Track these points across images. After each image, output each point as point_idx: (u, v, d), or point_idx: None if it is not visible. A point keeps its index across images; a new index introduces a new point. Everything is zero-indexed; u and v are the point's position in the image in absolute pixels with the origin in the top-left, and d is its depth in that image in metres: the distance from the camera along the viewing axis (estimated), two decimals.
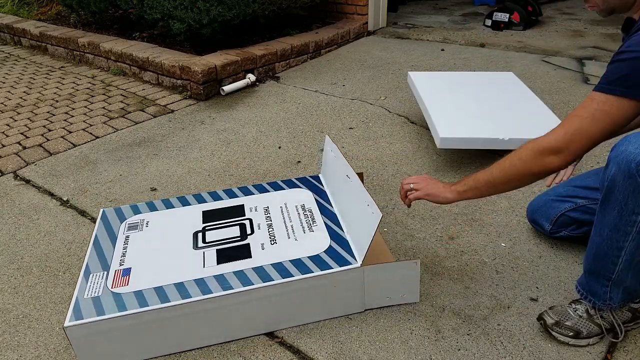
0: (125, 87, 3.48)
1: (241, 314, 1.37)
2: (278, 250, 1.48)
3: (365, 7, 4.23)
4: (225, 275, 1.39)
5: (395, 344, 1.36)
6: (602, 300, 1.27)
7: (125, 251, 1.54)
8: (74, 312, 1.30)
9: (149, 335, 1.33)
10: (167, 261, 1.48)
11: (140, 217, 1.70)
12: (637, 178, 1.06)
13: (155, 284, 1.38)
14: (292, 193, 1.77)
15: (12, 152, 2.58)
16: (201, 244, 1.54)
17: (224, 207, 1.72)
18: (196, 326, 1.35)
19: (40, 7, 5.39)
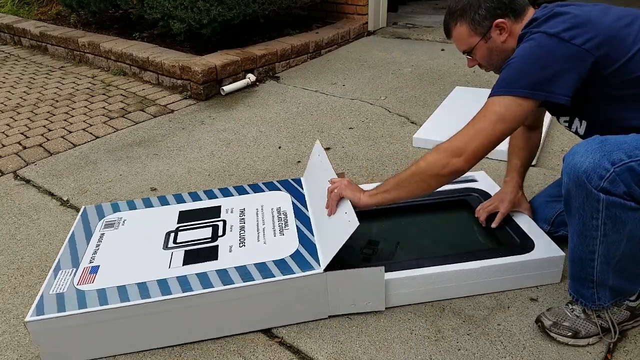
0: (125, 87, 3.48)
1: (200, 316, 1.36)
2: (245, 253, 1.46)
3: (365, 7, 4.23)
4: (188, 276, 1.38)
5: (395, 344, 1.36)
6: (591, 301, 1.28)
7: (98, 249, 1.55)
8: (36, 308, 1.31)
9: (107, 333, 1.33)
10: (135, 260, 1.48)
11: (118, 215, 1.71)
12: (586, 185, 1.11)
13: (119, 282, 1.38)
14: (271, 195, 1.76)
15: (12, 152, 2.58)
16: (172, 244, 1.54)
17: (201, 207, 1.72)
18: (155, 326, 1.35)
19: (40, 7, 5.39)
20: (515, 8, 1.35)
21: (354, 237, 1.68)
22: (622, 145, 1.10)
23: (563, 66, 1.19)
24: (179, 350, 1.38)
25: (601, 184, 1.10)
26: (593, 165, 1.10)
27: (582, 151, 1.13)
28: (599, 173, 1.09)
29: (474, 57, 1.44)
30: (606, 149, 1.10)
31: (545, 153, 2.25)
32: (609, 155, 1.09)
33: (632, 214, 1.13)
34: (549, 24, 1.23)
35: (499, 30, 1.36)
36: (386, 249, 1.62)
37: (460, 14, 1.39)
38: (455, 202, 1.80)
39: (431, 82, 3.20)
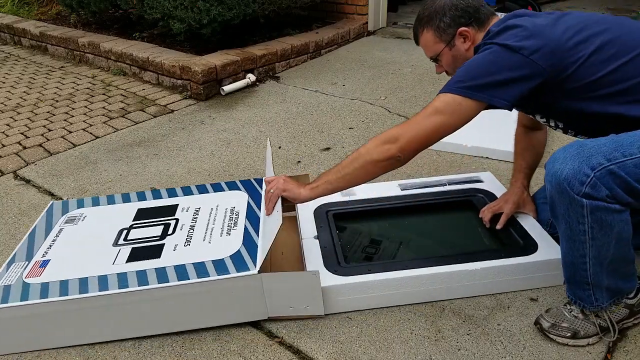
0: (125, 87, 3.48)
1: (137, 313, 1.38)
2: (188, 253, 1.48)
3: (365, 7, 4.23)
4: (127, 273, 1.41)
5: (395, 344, 1.36)
6: (589, 303, 1.29)
7: (53, 243, 1.58)
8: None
9: (48, 326, 1.36)
10: (84, 256, 1.52)
11: (81, 211, 1.74)
12: (568, 192, 1.13)
13: (63, 277, 1.41)
14: (229, 195, 1.76)
15: (12, 152, 2.58)
16: (122, 241, 1.57)
17: (159, 206, 1.75)
18: (93, 321, 1.38)
19: (40, 7, 5.39)
20: (479, 17, 1.40)
21: (357, 236, 1.70)
22: (600, 149, 1.12)
23: (509, 74, 1.23)
24: (179, 350, 1.38)
25: (583, 189, 1.11)
26: (573, 171, 1.12)
27: (562, 158, 1.14)
28: (580, 179, 1.11)
29: (440, 64, 1.48)
30: (585, 154, 1.12)
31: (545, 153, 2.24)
32: (588, 160, 1.11)
33: (617, 216, 1.14)
34: (501, 37, 1.28)
35: (463, 38, 1.41)
36: (389, 248, 1.62)
37: (427, 20, 1.43)
38: (460, 202, 1.80)
39: (431, 82, 3.20)
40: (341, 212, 1.77)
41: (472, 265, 1.46)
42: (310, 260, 1.53)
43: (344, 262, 1.52)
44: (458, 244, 1.62)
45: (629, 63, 1.22)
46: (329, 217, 1.73)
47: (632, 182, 1.10)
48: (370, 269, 1.47)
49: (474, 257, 1.49)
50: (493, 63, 1.25)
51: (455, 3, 1.40)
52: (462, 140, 2.31)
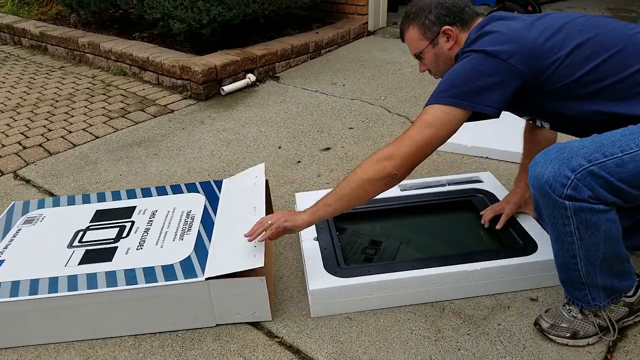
0: (125, 87, 3.48)
1: (87, 315, 1.39)
2: (139, 256, 1.48)
3: (365, 7, 4.23)
4: (78, 276, 1.41)
5: (395, 344, 1.36)
6: (586, 302, 1.29)
7: (10, 244, 1.59)
8: None
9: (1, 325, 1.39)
10: (38, 257, 1.52)
11: (40, 211, 1.75)
12: (550, 195, 1.14)
13: (15, 278, 1.42)
14: (187, 197, 1.77)
15: (12, 152, 2.58)
16: (76, 243, 1.57)
17: (118, 207, 1.75)
18: (44, 322, 1.39)
19: (40, 7, 5.39)
20: (463, 17, 1.41)
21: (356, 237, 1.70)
22: (580, 151, 1.13)
23: (489, 80, 1.25)
24: (179, 350, 1.38)
25: (565, 191, 1.12)
26: (554, 174, 1.13)
27: (542, 161, 1.15)
28: (561, 181, 1.12)
29: (424, 62, 1.49)
30: (565, 157, 1.13)
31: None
32: (569, 162, 1.12)
33: (602, 215, 1.14)
34: (478, 43, 1.29)
35: (446, 37, 1.42)
36: (389, 249, 1.62)
37: (413, 17, 1.45)
38: (460, 202, 1.80)
39: (431, 82, 3.20)
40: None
41: (472, 266, 1.46)
42: (310, 262, 1.53)
43: (343, 264, 1.52)
44: (458, 245, 1.62)
45: (605, 63, 1.23)
46: (329, 219, 1.73)
47: (615, 182, 1.11)
48: (370, 271, 1.47)
49: (474, 258, 1.49)
50: (473, 70, 1.26)
51: (441, 2, 1.41)
52: (462, 141, 2.31)
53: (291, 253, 1.74)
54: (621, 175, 1.11)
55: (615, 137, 1.15)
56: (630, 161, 1.10)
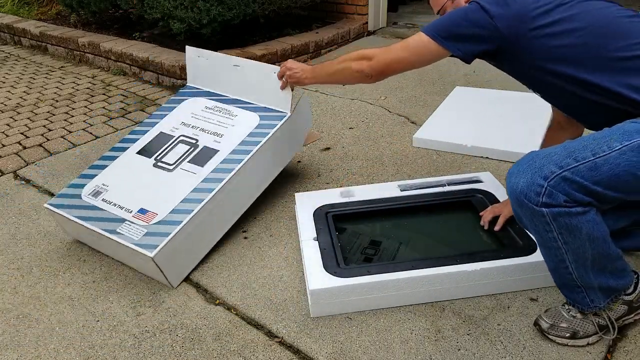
0: (125, 87, 3.48)
1: (245, 184, 1.76)
2: (229, 138, 1.81)
3: (365, 7, 4.23)
4: (217, 169, 1.71)
5: (395, 344, 1.36)
6: (585, 305, 1.29)
7: (118, 205, 1.68)
8: (144, 248, 1.52)
9: (207, 227, 1.66)
10: (164, 189, 1.69)
11: (93, 185, 1.78)
12: (526, 203, 1.16)
13: (178, 200, 1.64)
14: (185, 106, 2.00)
15: (12, 152, 2.58)
16: (171, 167, 1.77)
17: (150, 140, 1.91)
18: (228, 201, 1.72)
19: (40, 7, 5.39)
20: None
21: (356, 237, 1.70)
22: (552, 158, 1.15)
23: (472, 30, 1.35)
24: (179, 350, 1.39)
25: (540, 200, 1.14)
26: (527, 183, 1.15)
27: (516, 172, 1.19)
28: (535, 190, 1.14)
29: None
30: (537, 165, 1.15)
31: None
32: (540, 171, 1.14)
33: (581, 217, 1.15)
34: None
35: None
36: (388, 250, 1.62)
37: None
38: (460, 203, 1.80)
39: (431, 82, 3.20)
40: (340, 213, 1.77)
41: (472, 266, 1.46)
42: (310, 262, 1.53)
43: (343, 264, 1.52)
44: (458, 245, 1.62)
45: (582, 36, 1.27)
46: (329, 219, 1.73)
47: (590, 186, 1.12)
48: (369, 271, 1.47)
49: (474, 258, 1.49)
50: (463, 17, 1.36)
51: None
52: (462, 141, 2.31)
53: (291, 253, 1.74)
54: (595, 179, 1.12)
55: (587, 142, 1.17)
56: (604, 164, 1.12)
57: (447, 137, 2.35)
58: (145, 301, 1.57)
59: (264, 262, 1.71)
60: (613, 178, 1.12)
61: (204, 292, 1.60)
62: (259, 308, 1.52)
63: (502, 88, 2.91)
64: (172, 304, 1.55)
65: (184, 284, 1.63)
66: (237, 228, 1.89)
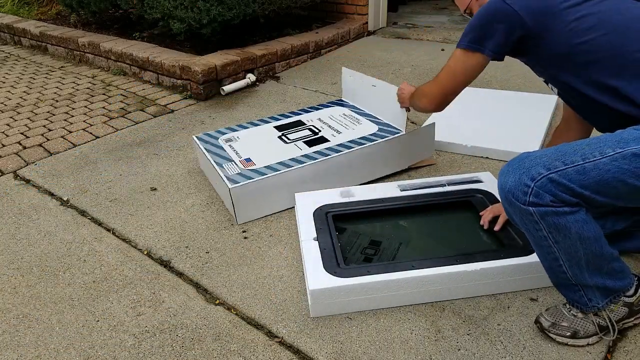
0: (125, 87, 3.48)
1: (332, 171, 2.00)
2: (344, 136, 2.12)
3: (365, 7, 4.23)
4: (309, 154, 2.01)
5: (395, 344, 1.36)
6: (583, 304, 1.29)
7: (236, 151, 2.11)
8: (230, 181, 1.87)
9: (275, 193, 1.93)
10: (273, 151, 2.07)
11: (230, 135, 2.27)
12: (514, 202, 1.18)
13: (276, 161, 1.98)
14: (328, 110, 2.44)
15: (12, 152, 2.58)
16: (288, 141, 2.16)
17: (288, 122, 2.35)
18: (310, 179, 1.97)
19: (40, 7, 5.39)
20: None
21: (356, 237, 1.70)
22: (541, 159, 1.17)
23: (496, 25, 1.33)
24: (179, 350, 1.39)
25: (527, 199, 1.16)
26: (515, 183, 1.17)
27: (505, 171, 1.21)
28: (522, 190, 1.16)
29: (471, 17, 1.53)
30: (526, 166, 1.17)
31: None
32: (528, 172, 1.16)
33: (570, 217, 1.16)
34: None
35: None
36: (388, 250, 1.62)
37: None
38: (460, 202, 1.80)
39: None
40: (340, 213, 1.77)
41: (472, 266, 1.46)
42: (310, 262, 1.53)
43: (343, 264, 1.52)
44: (458, 245, 1.62)
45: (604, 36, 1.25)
46: (329, 219, 1.73)
47: (577, 189, 1.13)
48: (369, 271, 1.47)
49: (474, 258, 1.49)
50: (487, 15, 1.35)
51: None
52: (462, 141, 2.31)
53: (291, 253, 1.74)
54: (583, 183, 1.13)
55: (579, 146, 1.18)
56: (593, 169, 1.12)
57: (447, 137, 2.35)
58: (145, 301, 1.57)
59: (264, 262, 1.71)
60: (601, 183, 1.12)
61: (204, 292, 1.60)
62: (259, 308, 1.52)
63: (501, 88, 2.91)
64: (172, 304, 1.55)
65: (184, 284, 1.63)
66: (237, 228, 1.89)
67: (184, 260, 1.74)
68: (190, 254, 1.77)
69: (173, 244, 1.83)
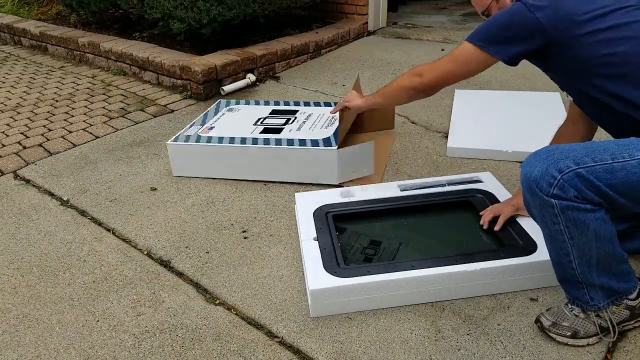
0: (125, 87, 3.48)
1: (261, 162, 2.16)
2: (297, 134, 2.23)
3: (365, 7, 4.23)
4: (259, 139, 2.20)
5: (395, 344, 1.36)
6: (585, 302, 1.29)
7: (218, 119, 2.45)
8: (174, 139, 2.26)
9: (210, 161, 2.22)
10: (236, 127, 2.34)
11: (238, 106, 2.64)
12: (537, 192, 1.17)
13: (220, 135, 2.27)
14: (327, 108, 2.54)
15: (12, 152, 2.58)
16: (259, 124, 2.38)
17: (287, 109, 2.56)
18: (234, 162, 2.20)
19: (40, 7, 5.39)
20: None
21: (356, 237, 1.70)
22: (570, 153, 1.16)
23: (516, 32, 1.32)
24: (179, 350, 1.39)
25: (551, 190, 1.15)
26: (541, 173, 1.16)
27: (532, 161, 1.19)
28: (547, 180, 1.15)
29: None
30: (554, 158, 1.16)
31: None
32: (556, 164, 1.14)
33: (590, 215, 1.15)
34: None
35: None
36: (388, 250, 1.62)
37: None
38: (460, 202, 1.80)
39: None
40: (341, 213, 1.77)
41: (472, 266, 1.46)
42: (310, 262, 1.53)
43: (343, 264, 1.52)
44: (458, 245, 1.62)
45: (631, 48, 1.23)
46: (329, 219, 1.73)
47: (602, 187, 1.12)
48: (369, 271, 1.47)
49: (474, 258, 1.49)
50: (507, 19, 1.33)
51: None
52: (501, 147, 2.25)
53: (291, 253, 1.74)
54: (610, 182, 1.12)
55: (609, 145, 1.16)
56: (621, 169, 1.12)
57: (484, 144, 2.30)
58: (145, 301, 1.57)
59: (264, 262, 1.71)
60: (627, 185, 1.12)
61: (204, 292, 1.60)
62: (259, 308, 1.52)
63: (501, 88, 2.91)
64: (172, 304, 1.55)
65: (184, 284, 1.63)
66: (237, 228, 1.89)
67: (184, 260, 1.74)
68: (190, 254, 1.77)
69: (173, 244, 1.83)
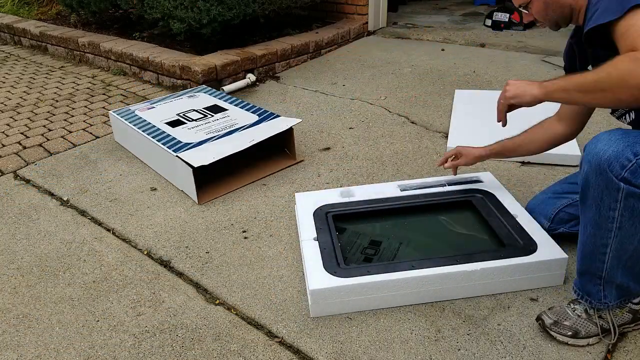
0: (126, 87, 3.48)
1: (148, 150, 2.33)
2: (183, 132, 2.29)
3: (365, 7, 4.23)
4: (159, 129, 2.35)
5: (395, 344, 1.36)
6: (597, 299, 1.28)
7: (163, 103, 2.64)
8: (114, 112, 2.55)
9: (129, 138, 2.48)
10: (163, 113, 2.50)
11: (199, 94, 2.75)
12: (607, 173, 1.11)
13: (148, 118, 2.43)
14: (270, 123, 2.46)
15: (12, 152, 2.58)
16: (176, 115, 2.48)
17: (222, 107, 2.59)
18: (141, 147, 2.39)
19: (40, 7, 5.39)
20: None
21: (356, 237, 1.69)
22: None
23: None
24: (179, 350, 1.39)
25: (622, 173, 1.10)
26: (616, 154, 1.10)
27: (606, 139, 1.12)
28: (621, 162, 1.09)
29: (530, 12, 1.40)
30: (630, 140, 1.10)
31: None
32: (633, 146, 1.09)
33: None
34: None
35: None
36: (388, 250, 1.62)
37: None
38: (460, 202, 1.80)
39: (431, 82, 3.20)
40: (340, 213, 1.77)
41: (472, 266, 1.46)
42: (310, 262, 1.53)
43: (343, 264, 1.52)
44: (458, 245, 1.62)
45: None
46: (329, 219, 1.73)
47: None
48: (369, 271, 1.47)
49: (474, 258, 1.49)
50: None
51: None
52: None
53: (291, 253, 1.74)
54: None
55: None
56: None
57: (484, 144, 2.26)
58: (145, 301, 1.57)
59: (264, 262, 1.71)
60: None
61: (204, 292, 1.60)
62: (259, 308, 1.52)
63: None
64: (172, 304, 1.55)
65: (184, 284, 1.63)
66: (237, 228, 1.89)
67: (184, 260, 1.74)
68: (190, 254, 1.77)
69: (173, 244, 1.83)
